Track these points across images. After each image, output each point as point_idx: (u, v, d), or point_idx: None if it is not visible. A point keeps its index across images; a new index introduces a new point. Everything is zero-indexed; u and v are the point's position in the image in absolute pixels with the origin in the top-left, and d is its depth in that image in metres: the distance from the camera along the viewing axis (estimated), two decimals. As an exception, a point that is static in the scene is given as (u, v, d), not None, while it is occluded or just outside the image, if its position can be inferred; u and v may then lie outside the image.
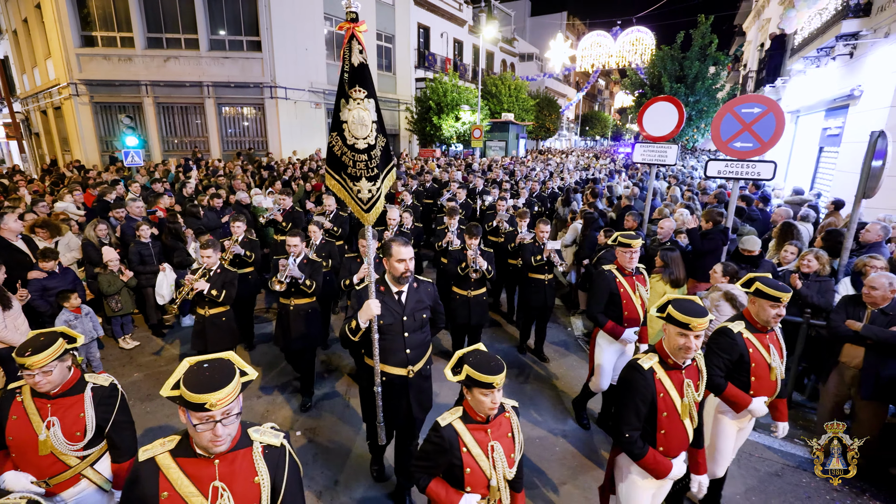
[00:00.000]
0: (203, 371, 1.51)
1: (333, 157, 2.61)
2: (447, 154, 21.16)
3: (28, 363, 2.01)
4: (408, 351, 2.87)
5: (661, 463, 2.27)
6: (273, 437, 1.71)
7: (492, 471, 2.00)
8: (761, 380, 2.71)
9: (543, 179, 9.45)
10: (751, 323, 2.76)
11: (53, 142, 18.74)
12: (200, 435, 1.49)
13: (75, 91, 15.38)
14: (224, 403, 1.45)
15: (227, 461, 1.58)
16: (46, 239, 5.18)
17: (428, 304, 2.99)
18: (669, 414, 2.25)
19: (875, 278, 3.37)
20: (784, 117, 4.07)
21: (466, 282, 4.63)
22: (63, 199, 6.85)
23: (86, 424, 2.22)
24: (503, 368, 1.93)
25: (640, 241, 3.62)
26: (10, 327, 3.68)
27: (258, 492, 1.61)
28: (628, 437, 2.26)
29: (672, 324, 2.28)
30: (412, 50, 23.54)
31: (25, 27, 18.22)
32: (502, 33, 33.12)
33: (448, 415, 2.06)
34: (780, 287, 2.62)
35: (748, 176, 4.26)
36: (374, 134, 2.53)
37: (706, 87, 14.83)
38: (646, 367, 2.26)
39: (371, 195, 2.63)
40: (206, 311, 4.23)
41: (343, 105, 2.48)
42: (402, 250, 2.72)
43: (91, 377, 2.33)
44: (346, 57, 2.44)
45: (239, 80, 16.31)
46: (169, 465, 1.55)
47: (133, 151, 10.21)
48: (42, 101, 18.58)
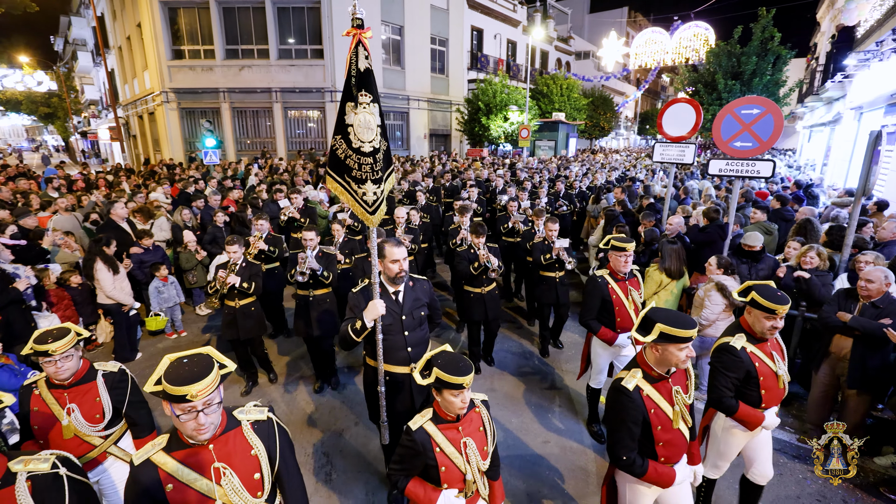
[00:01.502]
0: (183, 366, 1.59)
1: (336, 160, 2.63)
2: (496, 154, 21.58)
3: (51, 349, 2.24)
4: (409, 349, 2.91)
5: (663, 474, 2.25)
6: (258, 413, 1.82)
7: (466, 466, 2.06)
8: (771, 391, 2.64)
9: (572, 180, 9.56)
10: (750, 334, 2.66)
11: (147, 143, 21.36)
12: (184, 425, 1.58)
13: (166, 98, 17.54)
14: (204, 394, 1.54)
15: (220, 443, 1.69)
16: (143, 222, 6.37)
17: (425, 301, 3.03)
18: (664, 426, 2.23)
19: (871, 272, 3.46)
20: (782, 118, 4.24)
21: (479, 280, 4.70)
22: (155, 191, 8.20)
23: (103, 407, 2.45)
24: (471, 369, 1.98)
25: (633, 245, 3.60)
26: (118, 288, 4.77)
27: (257, 462, 1.73)
28: (626, 459, 2.24)
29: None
30: (465, 52, 24.14)
31: (129, 44, 20.90)
32: (558, 32, 32.90)
33: (419, 417, 2.10)
34: (776, 298, 2.51)
35: (747, 174, 4.45)
36: (379, 138, 2.58)
37: (763, 83, 14.15)
38: (631, 388, 2.21)
39: (376, 197, 2.67)
40: (235, 303, 4.44)
41: (349, 109, 2.52)
42: (394, 251, 2.77)
43: (100, 365, 2.56)
44: (353, 62, 2.49)
45: (303, 86, 17.70)
46: (165, 460, 1.63)
47: (211, 151, 11.68)
48: (139, 108, 21.23)
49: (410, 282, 2.99)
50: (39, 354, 2.26)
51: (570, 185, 9.00)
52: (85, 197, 7.61)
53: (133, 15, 19.16)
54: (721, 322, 4.08)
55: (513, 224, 6.26)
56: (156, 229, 6.48)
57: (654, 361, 2.24)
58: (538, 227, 5.58)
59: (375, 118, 2.55)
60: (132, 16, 19.31)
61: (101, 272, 4.75)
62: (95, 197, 7.77)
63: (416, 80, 21.19)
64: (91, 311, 5.29)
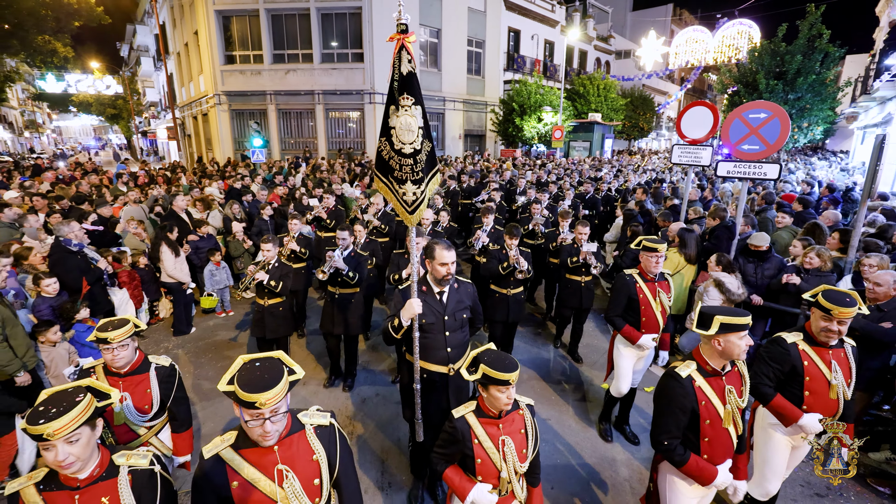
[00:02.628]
0: (255, 370, 1.63)
1: (382, 161, 2.75)
2: (529, 154, 21.71)
3: (110, 337, 2.37)
4: (448, 349, 2.94)
5: (704, 469, 2.23)
6: (321, 417, 1.85)
7: (502, 463, 2.10)
8: (817, 395, 2.55)
9: (598, 183, 9.48)
10: (811, 335, 2.62)
11: (200, 142, 22.92)
12: (251, 430, 1.61)
13: (218, 101, 18.81)
14: (272, 402, 1.56)
15: (285, 446, 1.71)
16: (201, 211, 7.14)
17: (468, 304, 3.06)
18: (713, 421, 2.22)
19: (882, 275, 3.53)
20: (788, 122, 4.36)
21: (506, 280, 4.70)
22: (210, 186, 9.06)
23: (152, 398, 2.56)
24: (517, 366, 2.04)
25: (664, 246, 3.55)
26: (178, 268, 5.49)
27: (318, 468, 1.75)
28: (667, 444, 2.25)
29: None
30: (502, 53, 24.35)
31: (186, 49, 22.48)
32: (597, 31, 32.49)
33: (462, 408, 2.18)
34: (837, 300, 2.45)
35: (755, 176, 4.59)
36: (420, 139, 2.62)
37: (808, 82, 13.64)
38: (683, 376, 2.23)
39: (415, 198, 2.72)
40: (265, 301, 4.51)
41: (392, 112, 2.60)
42: (445, 254, 2.80)
43: (154, 358, 2.66)
44: (396, 66, 2.56)
45: (344, 88, 18.50)
46: (232, 457, 1.67)
47: (258, 150, 12.57)
48: (194, 109, 22.80)
49: (455, 284, 3.03)
50: (100, 341, 2.39)
51: (598, 189, 8.98)
52: (148, 190, 8.54)
53: (191, 23, 20.62)
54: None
55: (533, 226, 6.22)
56: (209, 220, 7.23)
57: (712, 355, 2.24)
58: (563, 228, 5.55)
59: (417, 120, 2.59)
60: (190, 23, 20.78)
61: (165, 254, 5.49)
62: (157, 191, 8.68)
63: (452, 82, 21.60)
64: (155, 289, 6.06)
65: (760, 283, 4.58)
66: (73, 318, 4.11)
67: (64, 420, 1.55)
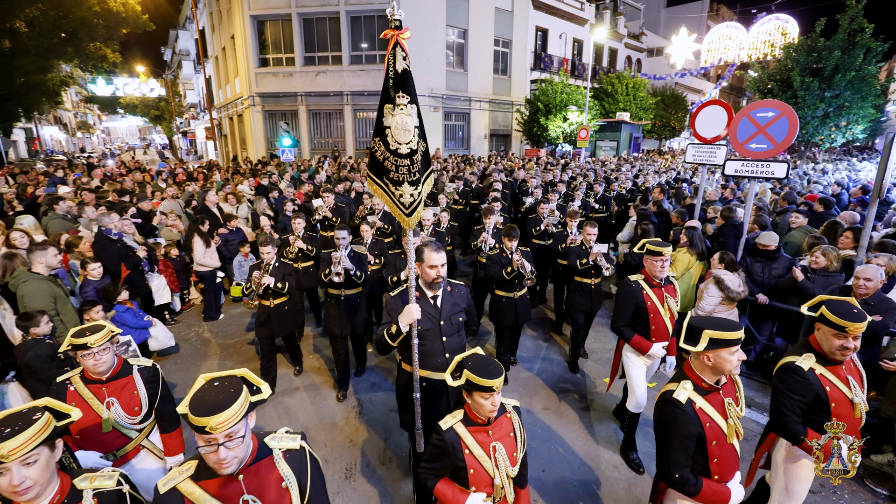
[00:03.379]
0: (211, 390, 1.50)
1: (375, 162, 2.64)
2: (554, 154, 21.63)
3: (89, 342, 2.31)
4: (447, 355, 2.85)
5: (718, 493, 2.13)
6: (291, 440, 1.73)
7: (495, 470, 2.04)
8: (845, 419, 2.33)
9: (612, 182, 9.29)
10: (821, 354, 2.41)
11: (235, 141, 23.92)
12: (207, 457, 1.48)
13: (252, 102, 19.63)
14: (225, 427, 1.42)
15: (251, 474, 1.59)
16: (232, 205, 7.62)
17: (463, 306, 2.99)
18: (719, 441, 2.12)
19: (867, 269, 3.58)
20: (797, 120, 4.33)
21: (511, 284, 4.56)
22: (242, 183, 9.58)
23: (141, 400, 2.51)
24: (502, 372, 1.98)
25: (669, 249, 3.39)
26: (208, 256, 5.92)
27: (287, 495, 1.64)
28: (679, 476, 2.12)
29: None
30: (529, 53, 24.31)
31: (224, 53, 23.51)
32: (628, 28, 31.91)
33: (450, 418, 2.10)
34: (849, 314, 2.25)
35: (762, 175, 4.58)
36: (416, 139, 2.55)
37: (847, 79, 13.07)
38: (683, 401, 2.10)
39: (413, 199, 2.63)
40: (270, 303, 4.45)
41: (387, 111, 2.51)
42: (434, 256, 2.73)
43: (134, 361, 2.62)
44: (391, 63, 2.47)
45: (371, 89, 18.94)
46: (192, 490, 1.54)
47: (287, 150, 13.12)
48: (230, 110, 23.82)
49: (448, 287, 2.95)
50: (77, 348, 2.31)
51: (609, 188, 9.05)
52: (184, 186, 9.12)
53: (228, 28, 21.57)
54: (720, 314, 4.31)
55: (545, 227, 6.12)
56: (238, 214, 7.70)
57: (704, 369, 2.14)
58: (571, 229, 5.45)
59: (413, 119, 2.52)
60: (227, 28, 21.74)
61: (196, 244, 5.94)
62: (192, 188, 9.26)
63: (478, 82, 21.73)
64: (186, 277, 6.53)
65: (767, 283, 4.57)
66: (115, 299, 4.55)
67: (19, 440, 1.44)
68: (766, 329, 4.74)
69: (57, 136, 39.02)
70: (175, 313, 6.50)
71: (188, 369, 5.13)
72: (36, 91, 15.44)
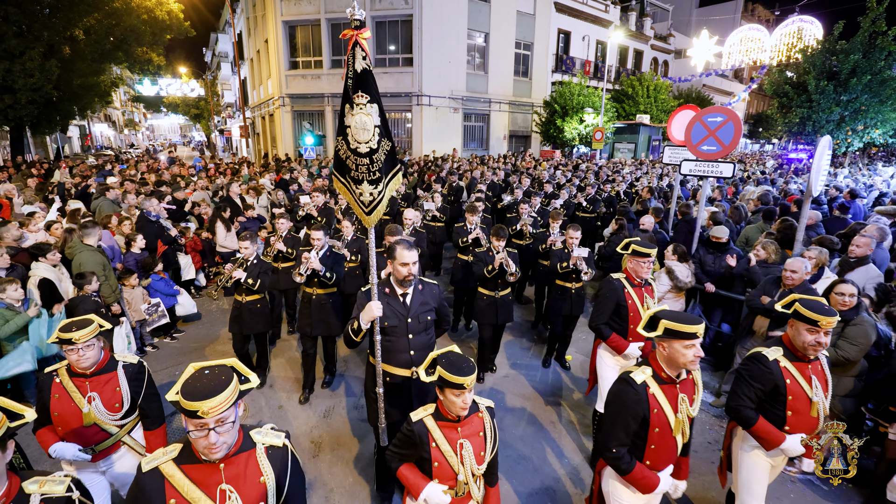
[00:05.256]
0: (202, 377, 1.54)
1: (339, 161, 2.69)
2: (571, 156, 21.92)
3: (74, 338, 2.31)
4: (412, 352, 2.88)
5: (648, 478, 2.20)
6: (275, 437, 1.76)
7: (460, 466, 2.07)
8: (799, 415, 2.42)
9: (600, 183, 9.43)
10: (790, 350, 2.48)
11: (267, 140, 25.29)
12: (196, 442, 1.52)
13: (283, 103, 20.81)
14: (217, 411, 1.47)
15: (232, 465, 1.62)
16: (254, 197, 8.53)
17: (433, 305, 2.99)
18: (661, 430, 2.16)
19: (793, 262, 3.94)
20: (741, 125, 4.76)
21: (493, 283, 4.62)
22: (264, 177, 10.54)
23: (122, 397, 2.52)
24: (474, 370, 2.00)
25: (655, 250, 3.45)
26: (229, 240, 6.79)
27: (264, 491, 1.66)
28: (615, 452, 2.19)
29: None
30: (550, 55, 24.61)
31: (258, 56, 24.90)
32: (655, 30, 31.68)
33: (421, 410, 2.15)
34: (822, 310, 2.33)
35: (713, 174, 5.03)
36: (377, 138, 2.57)
37: (863, 83, 12.94)
38: (639, 382, 2.16)
39: (373, 198, 2.64)
40: (242, 298, 4.45)
41: (347, 110, 2.54)
42: (405, 254, 2.74)
43: (120, 356, 2.63)
44: (350, 63, 2.48)
45: (393, 91, 19.70)
46: (173, 472, 1.57)
47: (310, 147, 14.06)
48: (262, 110, 25.20)
49: (420, 285, 2.96)
50: (63, 342, 2.33)
51: (601, 189, 9.16)
52: (215, 179, 10.14)
53: (262, 32, 22.88)
54: (667, 301, 4.79)
55: (521, 227, 6.15)
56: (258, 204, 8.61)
57: (663, 361, 2.19)
58: (553, 230, 5.41)
59: (374, 119, 2.53)
60: (262, 33, 23.05)
61: (219, 228, 6.82)
62: (220, 181, 10.28)
63: (499, 83, 22.20)
64: (211, 259, 7.43)
65: (717, 273, 5.03)
66: (152, 269, 5.44)
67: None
68: (717, 317, 5.18)
69: (106, 132, 41.88)
70: (200, 288, 7.41)
71: (207, 333, 6.00)
72: (90, 92, 17.00)
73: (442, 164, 13.81)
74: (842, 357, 3.36)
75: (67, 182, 9.08)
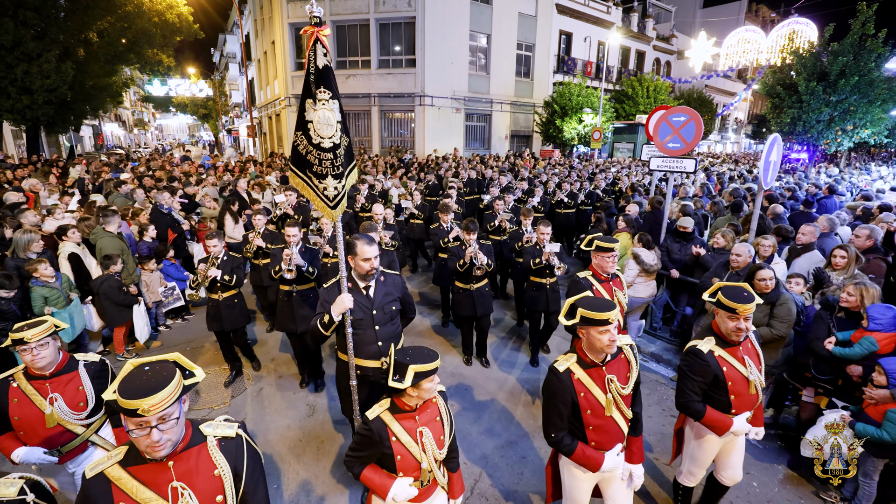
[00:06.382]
0: (141, 374, 1.48)
1: (298, 156, 2.69)
2: (569, 155, 22.28)
3: (26, 337, 2.26)
4: (379, 343, 2.95)
5: (590, 457, 2.31)
6: (227, 428, 1.70)
7: (422, 455, 2.09)
8: (741, 396, 2.58)
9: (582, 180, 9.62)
10: (720, 337, 2.63)
11: (273, 139, 25.89)
12: (138, 441, 1.46)
13: (289, 103, 21.34)
14: (159, 408, 1.41)
15: (181, 461, 1.57)
16: (259, 192, 9.04)
17: (396, 295, 3.05)
18: (594, 411, 2.27)
19: (738, 247, 4.40)
20: (702, 124, 5.17)
21: (468, 275, 4.68)
22: (270, 174, 11.06)
23: (87, 396, 2.48)
24: (437, 357, 2.08)
25: (618, 245, 3.57)
26: (237, 231, 7.29)
27: (220, 484, 1.61)
28: (554, 437, 2.35)
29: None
30: (552, 56, 24.97)
31: (265, 57, 25.50)
32: (657, 31, 31.93)
33: (377, 407, 2.15)
34: (739, 298, 2.45)
35: (678, 169, 5.44)
36: (339, 134, 2.62)
37: (851, 84, 13.24)
38: (561, 370, 2.29)
39: (337, 192, 2.70)
40: (219, 296, 4.43)
41: (309, 105, 2.56)
42: (366, 249, 2.80)
43: (81, 356, 2.60)
44: (312, 59, 2.51)
45: (397, 92, 20.17)
46: (120, 475, 1.51)
47: (314, 146, 14.54)
48: (269, 110, 25.80)
49: (381, 277, 3.03)
50: (16, 343, 2.28)
51: (581, 186, 9.32)
52: (222, 176, 10.67)
53: (269, 33, 23.46)
54: (639, 285, 5.21)
55: (499, 223, 6.25)
56: (266, 198, 9.12)
57: (585, 347, 2.29)
58: (526, 227, 5.44)
59: (335, 115, 2.58)
60: (269, 34, 23.63)
61: (227, 219, 7.32)
62: (227, 177, 10.81)
63: (500, 84, 22.57)
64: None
65: (683, 260, 5.44)
66: (164, 256, 5.96)
67: None
68: (683, 301, 5.59)
69: (116, 132, 42.76)
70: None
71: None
72: (103, 92, 17.63)
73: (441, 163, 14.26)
74: (776, 335, 3.77)
75: (87, 177, 9.69)
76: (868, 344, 3.21)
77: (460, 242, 4.80)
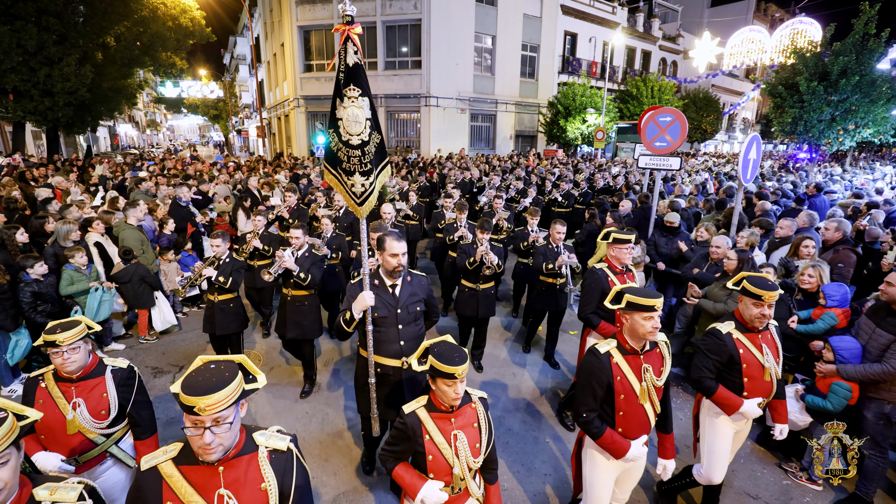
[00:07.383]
0: (206, 371, 1.48)
1: (330, 153, 2.73)
2: (573, 155, 22.49)
3: (58, 340, 2.19)
4: (402, 343, 2.92)
5: (617, 443, 2.33)
6: (279, 440, 1.66)
7: (454, 459, 2.04)
8: (755, 381, 2.64)
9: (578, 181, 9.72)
10: (741, 322, 2.70)
11: (282, 139, 26.40)
12: (192, 440, 1.45)
13: (297, 104, 21.82)
14: (214, 409, 1.39)
15: (231, 468, 1.53)
16: (268, 191, 9.45)
17: (422, 296, 3.03)
18: (627, 397, 2.30)
19: (717, 239, 4.67)
20: (686, 124, 5.45)
21: (475, 275, 4.65)
22: (279, 173, 11.51)
23: (109, 403, 2.38)
24: (466, 359, 1.99)
25: (634, 236, 3.60)
26: (249, 227, 7.69)
27: (266, 498, 1.56)
28: (585, 416, 2.36)
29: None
30: (557, 57, 25.16)
31: (275, 59, 26.02)
32: (663, 31, 31.98)
33: (414, 402, 2.12)
34: (765, 286, 2.53)
35: (664, 167, 5.73)
36: (369, 131, 2.64)
37: (852, 83, 13.34)
38: (602, 352, 2.33)
39: (364, 189, 2.72)
40: (215, 298, 4.32)
41: (339, 103, 2.61)
42: (395, 245, 2.78)
43: (110, 361, 2.49)
44: (342, 57, 2.55)
45: (403, 92, 20.51)
46: (172, 473, 1.51)
47: (322, 147, 15.00)
48: (278, 111, 26.31)
49: (408, 276, 3.01)
50: (48, 345, 2.23)
51: (577, 186, 9.46)
52: (234, 174, 11.14)
53: (279, 36, 23.95)
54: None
55: (497, 221, 6.23)
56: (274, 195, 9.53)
57: (627, 332, 2.34)
58: (532, 227, 5.37)
59: (364, 112, 2.61)
60: (278, 37, 24.12)
61: (240, 216, 7.72)
62: (238, 176, 11.27)
63: (505, 85, 22.82)
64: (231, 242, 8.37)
65: (669, 253, 5.73)
66: (182, 247, 6.37)
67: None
68: (669, 292, 5.88)
69: (130, 132, 43.70)
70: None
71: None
72: (119, 94, 18.23)
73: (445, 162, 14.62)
74: (731, 311, 4.03)
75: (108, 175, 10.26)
76: (829, 319, 3.52)
77: (473, 240, 4.78)
